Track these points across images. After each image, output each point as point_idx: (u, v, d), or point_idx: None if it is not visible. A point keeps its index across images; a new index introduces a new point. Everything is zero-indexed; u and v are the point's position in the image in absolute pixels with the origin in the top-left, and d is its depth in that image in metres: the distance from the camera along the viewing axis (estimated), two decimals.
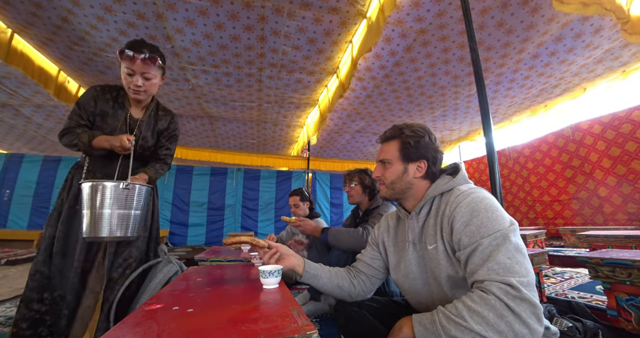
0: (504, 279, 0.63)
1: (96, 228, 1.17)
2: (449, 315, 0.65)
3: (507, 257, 0.67)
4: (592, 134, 4.84)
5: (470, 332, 0.61)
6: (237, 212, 6.55)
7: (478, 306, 0.62)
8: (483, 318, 0.61)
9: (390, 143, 0.98)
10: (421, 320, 0.69)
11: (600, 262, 1.28)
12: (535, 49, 3.64)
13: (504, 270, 0.65)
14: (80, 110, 1.43)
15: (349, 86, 3.71)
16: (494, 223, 0.73)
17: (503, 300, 0.61)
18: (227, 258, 2.15)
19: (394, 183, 0.95)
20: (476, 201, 0.78)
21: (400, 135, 0.96)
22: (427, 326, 0.67)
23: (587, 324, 1.00)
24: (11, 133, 6.62)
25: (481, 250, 0.71)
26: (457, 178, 0.91)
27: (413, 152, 0.94)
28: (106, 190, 1.18)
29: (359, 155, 7.92)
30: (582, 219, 5.02)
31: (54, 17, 3.18)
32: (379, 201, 1.94)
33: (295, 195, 2.67)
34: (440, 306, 0.70)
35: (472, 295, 0.66)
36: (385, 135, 1.00)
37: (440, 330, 0.64)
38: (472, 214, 0.77)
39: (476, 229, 0.74)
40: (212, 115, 5.80)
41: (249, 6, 2.99)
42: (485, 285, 0.64)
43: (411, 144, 0.94)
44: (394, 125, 1.01)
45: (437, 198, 0.92)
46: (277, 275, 1.03)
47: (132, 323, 0.70)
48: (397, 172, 0.95)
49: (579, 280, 2.36)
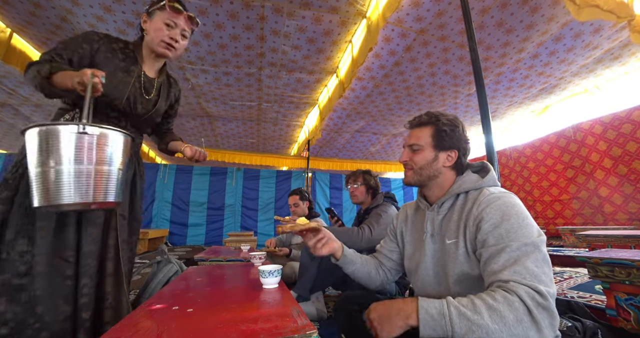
0: (532, 285, 0.62)
1: (53, 192, 0.83)
2: (462, 310, 0.62)
3: (535, 266, 0.66)
4: (594, 134, 4.84)
5: (482, 329, 0.59)
6: (237, 211, 6.54)
7: (500, 305, 0.60)
8: (502, 318, 0.59)
9: (423, 128, 0.96)
10: (428, 307, 0.65)
11: (600, 262, 1.28)
12: (534, 49, 3.64)
13: (531, 276, 0.64)
14: (66, 48, 1.13)
15: (348, 86, 3.70)
16: (524, 230, 0.72)
17: (527, 305, 0.60)
18: (226, 258, 2.15)
19: (422, 169, 0.94)
20: (508, 205, 0.77)
21: (436, 122, 0.94)
22: (434, 316, 0.63)
23: (586, 324, 1.00)
24: (10, 133, 6.61)
25: (509, 251, 0.69)
26: (487, 179, 0.90)
27: (447, 141, 0.93)
28: (63, 137, 0.84)
29: (359, 155, 7.92)
30: (583, 219, 5.02)
31: (53, 17, 3.18)
32: (379, 200, 1.94)
33: (295, 194, 2.68)
34: (449, 298, 0.66)
35: (493, 293, 0.63)
36: (418, 120, 0.98)
37: (448, 324, 0.62)
38: (502, 218, 0.75)
39: (505, 233, 0.73)
40: (212, 114, 5.80)
41: (249, 6, 2.98)
42: (510, 286, 0.63)
43: (447, 132, 0.93)
44: (427, 112, 0.99)
45: (462, 195, 0.91)
46: (277, 275, 1.03)
47: (132, 323, 0.70)
48: (427, 159, 0.93)
49: (578, 280, 2.37)
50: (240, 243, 3.26)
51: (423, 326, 0.63)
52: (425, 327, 0.63)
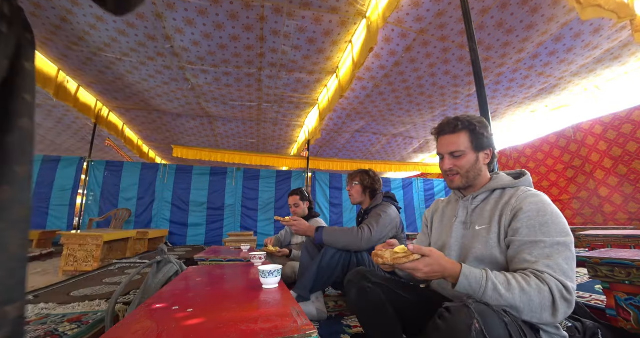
0: (562, 280, 0.72)
1: None
2: (498, 287, 0.72)
3: (566, 263, 0.75)
4: (594, 134, 4.84)
5: (509, 304, 0.71)
6: (237, 211, 6.54)
7: (532, 290, 0.70)
8: (530, 300, 0.70)
9: (459, 134, 1.00)
10: (469, 275, 0.75)
11: (600, 262, 1.28)
12: (534, 49, 3.64)
13: (561, 272, 0.73)
14: None
15: (348, 88, 3.70)
16: (556, 227, 0.80)
17: (555, 296, 0.70)
18: (226, 258, 2.15)
19: (469, 172, 0.99)
20: (545, 203, 0.85)
21: (471, 126, 0.99)
22: (472, 284, 0.73)
23: (586, 324, 1.00)
24: None
25: (542, 247, 0.77)
26: (523, 180, 0.97)
27: (485, 142, 1.00)
28: None
29: (359, 155, 7.92)
30: (583, 219, 5.02)
31: (53, 17, 3.18)
32: (379, 200, 1.92)
33: (295, 194, 2.67)
34: (489, 271, 0.75)
35: (529, 279, 0.72)
36: (453, 126, 1.00)
37: (480, 292, 0.72)
38: (538, 212, 0.83)
39: (539, 226, 0.81)
40: (212, 114, 5.80)
41: (249, 6, 2.98)
42: (545, 277, 0.72)
43: (484, 134, 0.99)
44: (455, 117, 1.02)
45: (498, 191, 0.98)
46: (277, 275, 1.03)
47: (132, 323, 0.70)
48: (471, 161, 0.99)
49: (578, 280, 2.37)
50: (240, 243, 3.26)
51: (459, 287, 0.75)
52: (460, 288, 0.75)
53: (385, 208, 1.83)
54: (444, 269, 0.77)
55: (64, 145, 7.44)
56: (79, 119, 5.96)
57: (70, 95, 4.59)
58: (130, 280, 1.33)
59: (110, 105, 5.52)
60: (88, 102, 5.13)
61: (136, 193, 6.10)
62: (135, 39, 3.47)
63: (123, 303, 1.81)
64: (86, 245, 3.09)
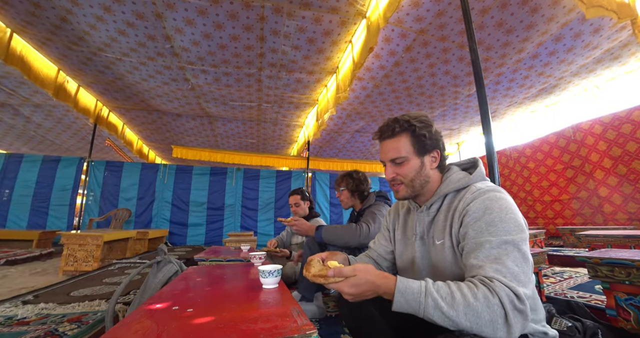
0: (513, 287, 0.62)
1: None
2: (439, 303, 0.62)
3: (516, 265, 0.66)
4: (593, 134, 4.84)
5: (453, 322, 0.60)
6: (237, 211, 6.54)
7: (479, 304, 0.60)
8: (478, 317, 0.60)
9: (399, 138, 0.89)
10: (404, 291, 0.64)
11: (600, 262, 1.28)
12: (534, 49, 3.64)
13: (511, 276, 0.64)
14: None
15: (347, 89, 3.70)
16: (505, 224, 0.71)
17: (505, 308, 0.60)
18: (226, 258, 2.15)
19: (414, 180, 0.89)
20: (492, 199, 0.76)
21: (410, 127, 0.88)
22: (410, 301, 0.64)
23: (586, 324, 1.00)
24: (10, 133, 6.62)
25: (488, 248, 0.69)
26: (475, 175, 0.87)
27: (428, 143, 0.89)
28: None
29: (359, 155, 7.93)
30: (582, 219, 5.02)
31: (53, 17, 3.18)
32: (371, 200, 1.93)
33: (296, 194, 2.67)
34: (429, 285, 0.65)
35: (476, 290, 0.62)
36: (391, 130, 0.90)
37: (422, 312, 0.63)
38: (485, 211, 0.75)
39: (485, 226, 0.72)
40: (212, 115, 5.80)
41: (249, 6, 2.99)
42: (494, 286, 0.62)
43: (426, 135, 0.88)
44: (394, 118, 0.91)
45: (450, 195, 0.88)
46: (277, 275, 1.03)
47: (132, 323, 0.70)
48: (415, 168, 0.88)
49: (578, 280, 2.37)
50: (240, 243, 3.26)
51: (396, 306, 0.65)
52: (398, 307, 0.65)
53: (379, 207, 1.84)
54: (375, 286, 0.66)
55: (64, 145, 7.44)
56: (79, 119, 5.96)
57: (70, 95, 4.59)
58: (130, 280, 1.33)
59: (110, 105, 5.53)
60: (88, 102, 5.13)
61: (136, 193, 6.11)
62: (135, 39, 3.47)
63: (123, 303, 1.81)
64: (86, 245, 3.09)
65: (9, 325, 1.52)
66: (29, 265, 3.37)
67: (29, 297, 2.05)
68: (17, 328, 1.46)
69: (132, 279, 1.35)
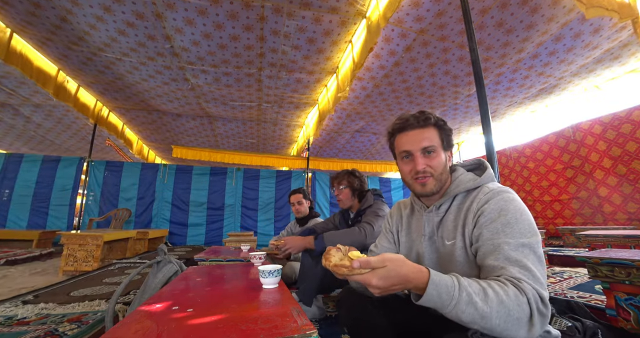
0: (538, 289, 0.62)
1: None
2: (473, 298, 0.59)
3: (535, 268, 0.66)
4: (593, 134, 4.84)
5: (483, 320, 0.58)
6: (237, 211, 6.54)
7: (511, 302, 0.59)
8: (508, 315, 0.58)
9: (430, 129, 0.86)
10: (439, 283, 0.61)
11: (600, 262, 1.28)
12: (534, 49, 3.64)
13: (534, 279, 0.64)
14: None
15: (347, 89, 3.70)
16: (520, 226, 0.71)
17: (532, 308, 0.60)
18: (226, 258, 2.15)
19: (442, 174, 0.86)
20: (506, 200, 0.76)
21: (439, 121, 0.88)
22: (442, 295, 0.60)
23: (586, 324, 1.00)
24: (10, 133, 6.62)
25: (507, 249, 0.68)
26: (485, 176, 0.87)
27: (451, 141, 0.90)
28: None
29: (359, 155, 7.93)
30: (582, 219, 5.02)
31: (52, 17, 3.18)
32: (370, 200, 1.87)
33: (298, 193, 2.66)
34: (462, 280, 0.62)
35: (506, 288, 0.61)
36: (422, 120, 0.87)
37: (452, 307, 0.59)
38: (500, 212, 0.74)
39: (501, 227, 0.72)
40: (212, 114, 5.80)
41: (249, 6, 2.99)
42: (523, 286, 0.61)
43: (450, 132, 0.88)
44: (421, 111, 0.89)
45: (460, 195, 0.88)
46: (277, 275, 1.03)
47: (132, 323, 0.70)
48: (443, 162, 0.87)
49: (578, 280, 2.37)
50: (240, 243, 3.26)
51: (425, 300, 0.61)
52: (426, 300, 0.61)
53: (380, 206, 1.81)
54: (406, 279, 0.61)
55: (64, 145, 7.45)
56: (79, 119, 5.96)
57: (70, 95, 4.59)
58: (130, 280, 1.33)
59: (110, 105, 5.53)
60: (88, 102, 5.13)
61: (136, 193, 6.11)
62: (135, 39, 3.47)
63: (123, 303, 1.81)
64: (86, 245, 3.09)
65: (9, 325, 1.52)
66: (29, 265, 3.37)
67: (29, 297, 2.05)
68: (17, 328, 1.46)
69: (132, 279, 1.35)
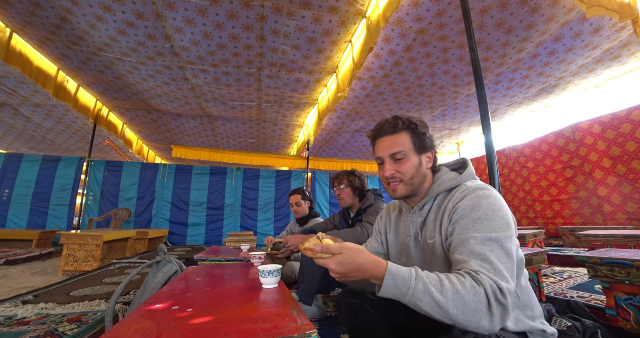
0: (497, 281, 0.64)
1: None
2: (429, 288, 0.63)
3: (499, 261, 0.68)
4: (593, 134, 4.84)
5: (441, 310, 0.62)
6: (237, 211, 6.54)
7: (467, 293, 0.62)
8: (465, 305, 0.61)
9: (400, 135, 0.91)
10: (395, 274, 0.65)
11: (599, 262, 1.28)
12: (534, 49, 3.64)
13: (495, 272, 0.66)
14: None
15: (347, 89, 3.70)
16: (491, 222, 0.73)
17: (490, 299, 0.62)
18: (226, 258, 2.15)
19: (414, 179, 0.90)
20: (481, 197, 0.78)
21: (411, 125, 0.91)
22: (399, 285, 0.64)
23: (586, 324, 1.00)
24: (10, 133, 6.62)
25: (473, 244, 0.71)
26: (465, 174, 0.89)
27: (427, 143, 0.92)
28: None
29: (359, 155, 7.93)
30: (582, 219, 5.02)
31: (52, 17, 3.18)
32: (370, 200, 1.90)
33: (297, 194, 2.67)
34: (419, 270, 0.66)
35: (464, 279, 0.64)
36: (392, 127, 0.91)
37: (410, 296, 0.63)
38: (473, 209, 0.76)
39: (472, 223, 0.74)
40: (212, 114, 5.80)
41: (249, 6, 2.99)
42: (481, 278, 0.64)
43: (425, 134, 0.91)
44: (394, 116, 0.93)
45: (442, 195, 0.90)
46: (277, 275, 1.03)
47: (132, 323, 0.70)
48: (414, 166, 0.89)
49: (578, 280, 2.37)
50: (240, 243, 3.26)
51: (385, 291, 0.65)
52: (386, 291, 0.65)
53: (382, 205, 1.83)
54: (363, 268, 0.66)
55: (64, 145, 7.45)
56: (79, 118, 5.96)
57: (70, 95, 4.59)
58: (130, 280, 1.33)
59: (110, 105, 5.53)
60: (88, 102, 5.13)
61: (136, 193, 6.11)
62: (135, 39, 3.47)
63: (123, 303, 1.81)
64: (86, 245, 3.09)
65: (9, 325, 1.52)
66: (29, 265, 3.37)
67: (29, 297, 2.05)
68: (17, 328, 1.46)
69: (132, 279, 1.35)
